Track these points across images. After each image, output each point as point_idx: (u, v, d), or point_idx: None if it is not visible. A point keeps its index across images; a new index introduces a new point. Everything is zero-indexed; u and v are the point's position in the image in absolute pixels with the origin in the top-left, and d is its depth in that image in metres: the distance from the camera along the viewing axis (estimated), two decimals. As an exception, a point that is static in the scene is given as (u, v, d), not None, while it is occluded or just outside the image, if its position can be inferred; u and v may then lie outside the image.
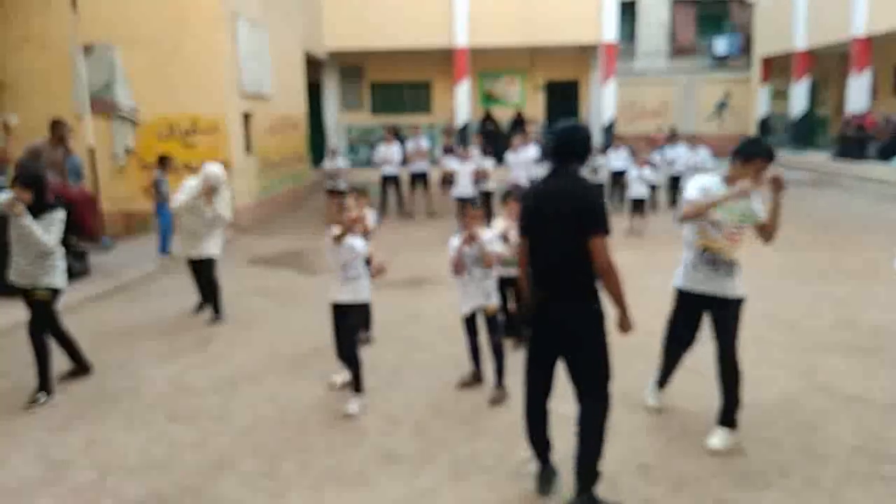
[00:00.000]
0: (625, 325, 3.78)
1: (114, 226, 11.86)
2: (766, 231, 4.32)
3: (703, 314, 4.52)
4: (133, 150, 12.38)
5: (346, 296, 5.06)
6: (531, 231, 3.78)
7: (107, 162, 12.15)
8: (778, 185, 4.14)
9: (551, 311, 3.70)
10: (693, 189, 4.37)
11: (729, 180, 4.29)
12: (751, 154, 4.23)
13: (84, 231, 8.93)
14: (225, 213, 7.25)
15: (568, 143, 3.70)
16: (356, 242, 5.01)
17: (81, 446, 4.63)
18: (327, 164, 14.96)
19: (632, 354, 6.01)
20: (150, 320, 7.48)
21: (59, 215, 5.28)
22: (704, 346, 4.71)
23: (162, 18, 12.13)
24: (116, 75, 12.07)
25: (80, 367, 5.84)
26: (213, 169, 7.16)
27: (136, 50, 12.10)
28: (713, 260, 4.35)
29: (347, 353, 5.10)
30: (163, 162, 10.02)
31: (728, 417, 4.41)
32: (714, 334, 4.40)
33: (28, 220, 5.11)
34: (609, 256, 3.53)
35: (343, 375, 5.50)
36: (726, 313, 4.36)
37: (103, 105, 11.97)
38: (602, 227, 3.52)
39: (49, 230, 5.21)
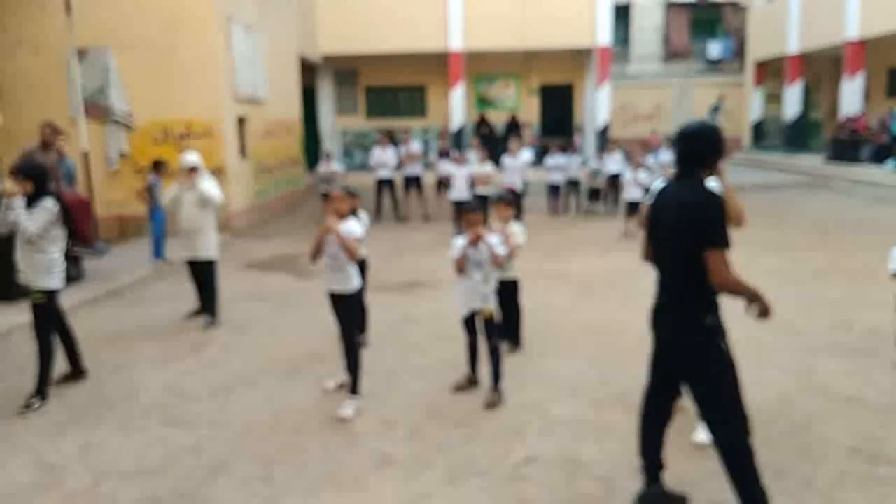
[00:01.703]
0: (763, 308, 3.42)
1: (108, 230, 11.83)
2: (729, 219, 4.36)
3: None
4: (127, 155, 12.37)
5: (331, 285, 5.14)
6: (652, 236, 3.62)
7: (101, 166, 12.13)
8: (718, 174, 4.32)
9: (663, 322, 3.55)
10: (649, 195, 4.53)
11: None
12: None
13: (78, 235, 8.85)
14: (213, 193, 7.29)
15: (692, 147, 3.43)
16: (349, 226, 5.02)
17: (76, 451, 4.61)
18: (322, 167, 14.98)
19: (625, 355, 6.03)
20: (145, 325, 7.46)
21: (47, 203, 5.21)
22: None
23: (156, 22, 12.12)
24: (111, 79, 12.06)
25: (75, 371, 5.82)
26: (188, 155, 7.41)
27: (131, 54, 12.09)
28: None
29: (347, 343, 5.14)
30: (157, 166, 10.00)
31: None
32: None
33: (16, 204, 5.10)
34: (727, 271, 3.28)
35: (336, 379, 5.49)
36: None
37: (97, 109, 11.95)
38: (718, 241, 3.26)
39: (32, 216, 5.17)
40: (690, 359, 3.45)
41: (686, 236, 3.33)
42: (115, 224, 12.26)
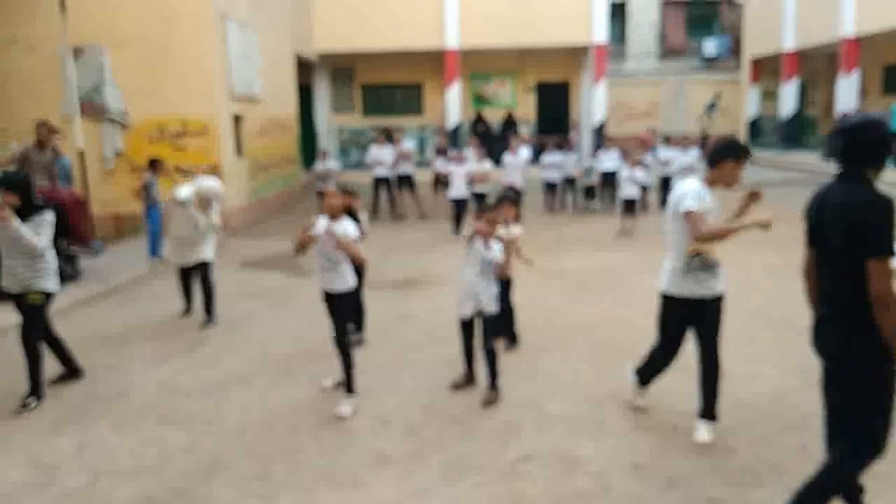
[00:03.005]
0: None
1: (103, 229, 11.80)
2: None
3: (690, 316, 4.52)
4: (122, 153, 12.34)
5: (325, 284, 5.14)
6: (813, 240, 3.32)
7: (96, 165, 12.10)
8: (754, 197, 4.21)
9: (827, 337, 3.26)
10: (693, 201, 4.19)
11: (708, 183, 4.29)
12: (718, 157, 4.23)
13: (74, 234, 8.88)
14: (217, 221, 7.28)
15: (856, 143, 3.07)
16: (344, 227, 5.02)
17: (71, 450, 4.60)
18: (318, 166, 14.96)
19: (620, 352, 6.03)
20: (141, 323, 7.45)
21: (49, 217, 5.24)
22: (691, 344, 4.71)
23: (151, 20, 12.09)
24: (105, 78, 12.03)
25: (71, 372, 5.80)
26: (211, 183, 7.30)
27: (126, 52, 12.06)
28: (706, 264, 4.30)
29: (339, 344, 5.12)
30: (154, 165, 9.97)
31: (710, 410, 4.49)
32: (699, 332, 4.45)
33: (16, 223, 5.07)
34: (887, 285, 2.96)
35: (334, 377, 5.49)
36: (712, 311, 4.39)
37: (92, 108, 11.93)
38: (879, 249, 2.95)
39: (39, 232, 5.18)
40: (838, 375, 3.18)
41: (848, 242, 3.04)
42: (111, 223, 12.24)
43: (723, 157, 4.21)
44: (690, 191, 4.25)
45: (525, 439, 4.57)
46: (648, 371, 4.88)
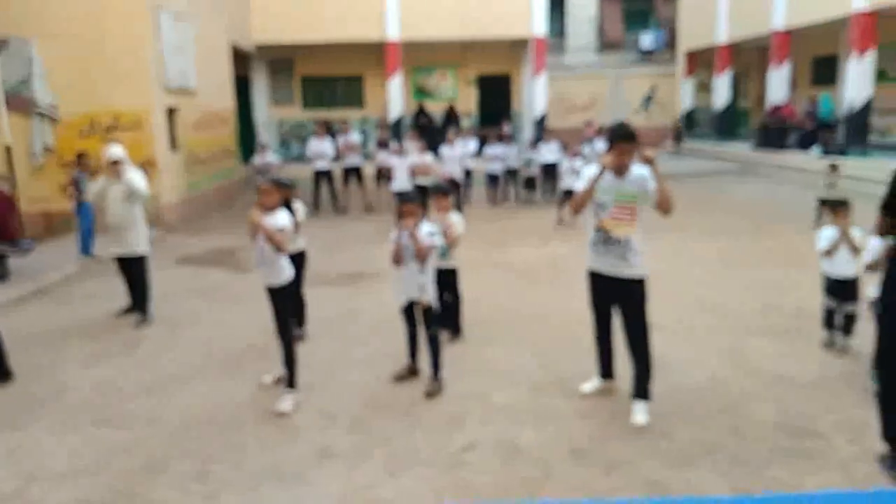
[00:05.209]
0: None
1: (33, 227, 11.41)
2: (659, 206, 4.42)
3: (604, 291, 4.74)
4: (52, 148, 11.93)
5: (264, 279, 5.08)
6: None
7: (25, 161, 11.68)
8: (646, 160, 4.36)
9: None
10: (580, 181, 4.70)
11: (605, 167, 4.49)
12: (610, 139, 4.51)
13: (2, 233, 8.58)
14: (139, 185, 7.08)
15: None
16: (277, 219, 4.95)
17: (2, 454, 4.44)
18: (257, 159, 14.73)
19: (565, 342, 6.12)
20: (74, 323, 7.23)
21: None
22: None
23: (81, 11, 11.72)
24: (34, 70, 11.59)
25: (1, 373, 5.60)
26: (111, 148, 7.19)
27: (55, 44, 11.66)
28: (604, 239, 4.59)
29: (282, 337, 5.05)
30: (81, 159, 9.67)
31: (642, 390, 4.64)
32: (621, 313, 4.67)
33: None
34: None
35: (274, 373, 5.42)
36: (625, 293, 4.59)
37: (20, 102, 11.48)
38: None
39: None
40: None
41: None
42: (41, 220, 11.84)
43: (613, 140, 4.48)
44: (583, 173, 4.79)
45: (469, 430, 4.59)
46: (600, 360, 5.03)
